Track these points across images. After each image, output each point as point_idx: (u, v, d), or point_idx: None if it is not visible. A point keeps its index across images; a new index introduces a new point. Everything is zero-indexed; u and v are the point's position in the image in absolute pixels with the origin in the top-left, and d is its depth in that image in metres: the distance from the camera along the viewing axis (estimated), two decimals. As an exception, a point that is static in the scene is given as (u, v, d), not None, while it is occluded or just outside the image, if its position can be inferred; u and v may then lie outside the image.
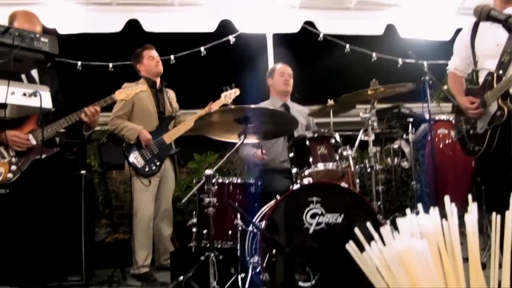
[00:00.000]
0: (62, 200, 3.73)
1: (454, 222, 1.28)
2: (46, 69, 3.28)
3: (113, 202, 5.81)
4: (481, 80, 3.27)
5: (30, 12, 3.39)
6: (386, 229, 1.14)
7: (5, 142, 2.99)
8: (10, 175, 2.98)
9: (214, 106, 4.43)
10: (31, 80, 3.19)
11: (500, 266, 1.19)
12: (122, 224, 5.82)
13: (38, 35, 2.18)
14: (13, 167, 2.99)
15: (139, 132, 4.22)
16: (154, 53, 4.49)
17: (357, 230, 1.16)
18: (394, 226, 1.30)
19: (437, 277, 1.03)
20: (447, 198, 1.34)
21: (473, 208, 1.29)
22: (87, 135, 3.54)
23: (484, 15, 2.21)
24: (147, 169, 4.24)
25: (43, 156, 3.05)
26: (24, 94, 2.18)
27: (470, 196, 1.36)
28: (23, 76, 3.03)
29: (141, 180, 4.23)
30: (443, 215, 1.32)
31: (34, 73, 3.22)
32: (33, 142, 3.07)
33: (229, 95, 4.51)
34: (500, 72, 3.02)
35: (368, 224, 1.21)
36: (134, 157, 4.23)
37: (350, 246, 1.07)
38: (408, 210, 1.32)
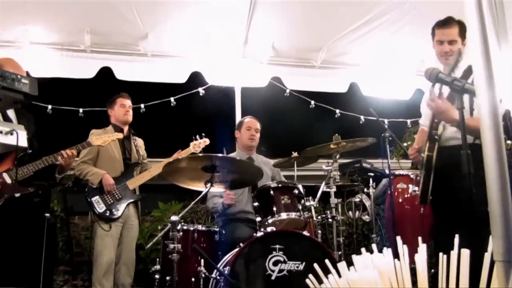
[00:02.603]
0: (23, 242, 3.64)
1: (406, 261, 1.39)
2: (24, 112, 3.33)
3: (74, 248, 5.71)
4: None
5: (14, 60, 3.39)
6: (342, 264, 1.24)
7: None
8: None
9: (182, 154, 4.50)
10: (7, 120, 3.20)
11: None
12: (82, 271, 5.71)
13: (19, 76, 2.25)
14: None
15: (102, 176, 4.24)
16: (126, 102, 4.60)
17: (316, 266, 1.26)
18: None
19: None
20: (398, 238, 1.45)
21: (422, 248, 1.41)
22: (59, 178, 3.56)
23: (433, 77, 2.43)
24: (108, 213, 4.22)
25: (17, 194, 3.04)
26: (1, 132, 2.22)
27: (420, 238, 1.49)
28: None
29: (101, 225, 4.19)
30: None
31: (11, 114, 3.24)
32: (8, 181, 3.07)
33: (198, 144, 4.59)
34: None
35: (327, 261, 1.31)
36: (96, 201, 4.21)
37: (310, 279, 1.16)
38: (363, 249, 1.43)
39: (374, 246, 1.44)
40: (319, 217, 4.01)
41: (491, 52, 1.43)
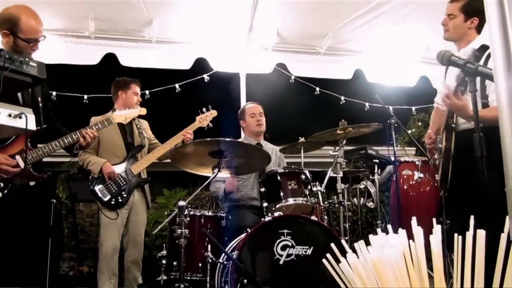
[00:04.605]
0: (30, 228, 3.61)
1: (420, 241, 1.39)
2: None
3: (79, 235, 5.75)
4: None
5: (32, 9, 3.11)
6: (360, 243, 1.24)
7: None
8: None
9: (189, 129, 4.39)
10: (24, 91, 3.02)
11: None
12: (87, 258, 5.74)
13: (27, 59, 2.23)
14: None
15: (102, 165, 4.17)
16: (139, 90, 4.55)
17: (333, 245, 1.25)
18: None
19: (408, 282, 1.13)
20: (414, 219, 1.45)
21: (437, 229, 1.41)
22: (76, 153, 3.46)
23: (445, 60, 2.41)
24: (113, 201, 4.15)
25: (32, 183, 2.93)
26: (10, 115, 2.19)
27: (434, 220, 1.48)
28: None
29: (105, 213, 4.14)
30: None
31: None
32: (22, 165, 2.88)
33: (205, 117, 4.48)
34: None
35: (333, 245, 1.31)
36: (99, 190, 4.15)
37: (327, 259, 1.16)
38: (379, 230, 1.43)
39: (389, 227, 1.44)
40: (325, 202, 4.02)
41: (510, 34, 1.41)
